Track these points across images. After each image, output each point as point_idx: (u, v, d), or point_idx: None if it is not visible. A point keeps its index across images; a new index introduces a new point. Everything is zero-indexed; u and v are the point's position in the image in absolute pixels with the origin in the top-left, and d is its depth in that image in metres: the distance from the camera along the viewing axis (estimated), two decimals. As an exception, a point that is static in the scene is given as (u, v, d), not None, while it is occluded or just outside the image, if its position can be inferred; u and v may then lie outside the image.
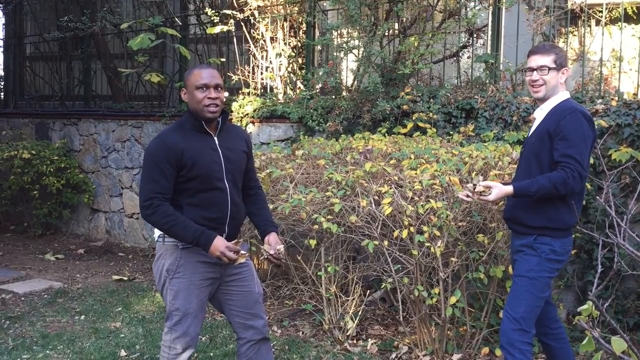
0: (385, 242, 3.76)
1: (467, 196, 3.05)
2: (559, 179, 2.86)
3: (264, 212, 3.13)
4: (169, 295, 2.87)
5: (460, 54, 5.86)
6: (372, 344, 4.19)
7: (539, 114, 3.12)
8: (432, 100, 5.11)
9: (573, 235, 3.17)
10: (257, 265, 5.34)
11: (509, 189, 2.96)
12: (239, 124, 6.06)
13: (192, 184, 2.80)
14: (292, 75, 6.55)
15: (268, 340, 3.09)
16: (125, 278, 5.94)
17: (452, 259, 3.65)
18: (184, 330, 2.86)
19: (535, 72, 3.06)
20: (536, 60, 3.06)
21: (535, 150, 3.04)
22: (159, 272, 2.89)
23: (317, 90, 6.02)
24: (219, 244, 2.72)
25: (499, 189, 2.96)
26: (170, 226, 2.73)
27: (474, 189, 3.00)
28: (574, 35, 6.55)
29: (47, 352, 4.11)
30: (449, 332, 3.93)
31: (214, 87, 2.82)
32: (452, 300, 3.66)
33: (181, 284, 2.84)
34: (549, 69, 3.02)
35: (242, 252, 2.78)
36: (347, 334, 4.26)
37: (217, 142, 2.89)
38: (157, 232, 2.90)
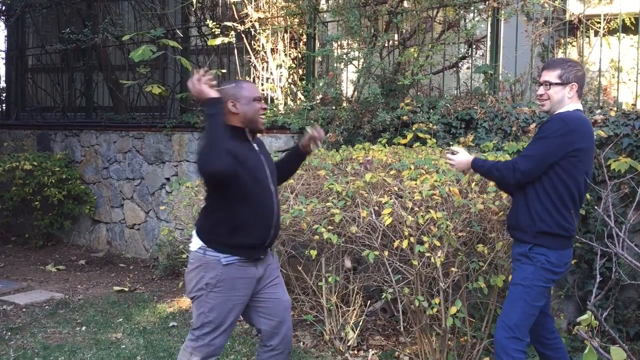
0: (386, 253, 3.77)
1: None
2: (500, 166, 3.13)
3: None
4: (204, 307, 2.90)
5: (460, 65, 5.89)
6: (373, 354, 4.19)
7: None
8: (431, 110, 5.13)
9: (573, 246, 3.18)
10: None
11: (470, 157, 3.27)
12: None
13: (241, 185, 2.87)
14: (292, 86, 6.58)
15: (290, 355, 3.15)
16: (126, 289, 5.94)
17: (453, 269, 3.66)
18: (210, 340, 2.91)
19: (541, 86, 3.15)
20: (543, 75, 3.16)
21: None
22: (196, 283, 2.91)
23: (318, 101, 6.04)
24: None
25: (464, 154, 3.29)
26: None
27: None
28: (573, 46, 6.58)
29: (48, 363, 4.11)
30: (449, 342, 3.92)
31: None
32: (453, 310, 3.66)
33: (219, 298, 2.89)
34: (551, 84, 3.09)
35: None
36: (348, 344, 4.26)
37: (256, 147, 3.06)
38: (195, 244, 2.94)
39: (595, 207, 3.76)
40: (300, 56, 6.59)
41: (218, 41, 6.36)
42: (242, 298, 2.95)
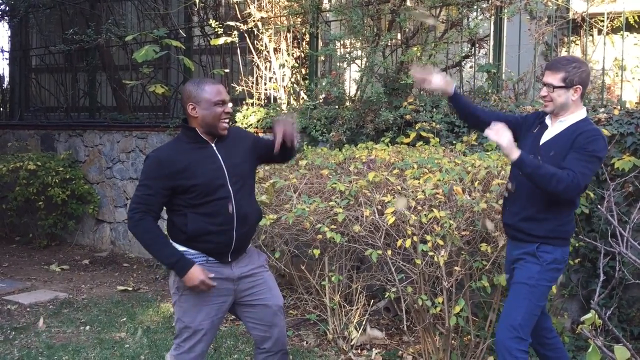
0: (389, 252, 3.77)
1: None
2: (562, 177, 2.80)
3: None
4: (179, 312, 2.87)
5: (463, 64, 5.88)
6: (376, 353, 4.19)
7: (558, 126, 3.05)
8: (435, 109, 5.12)
9: (577, 244, 3.19)
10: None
11: (516, 152, 2.84)
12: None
13: (193, 194, 2.79)
14: (295, 85, 6.58)
15: (286, 354, 3.08)
16: (130, 288, 5.96)
17: (456, 268, 3.66)
18: (191, 346, 2.86)
19: (545, 87, 3.02)
20: (546, 76, 3.02)
21: (556, 164, 2.93)
22: (172, 288, 2.91)
23: (321, 101, 6.04)
24: (196, 274, 2.71)
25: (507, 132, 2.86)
26: (148, 244, 2.75)
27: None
28: (576, 44, 6.57)
29: (52, 362, 4.12)
30: (453, 341, 3.92)
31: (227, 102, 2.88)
32: (456, 309, 3.66)
33: (190, 300, 2.83)
34: (554, 87, 2.97)
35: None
36: (352, 343, 4.26)
37: (215, 149, 2.89)
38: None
39: (599, 206, 3.75)
40: (303, 55, 6.59)
41: (221, 41, 6.37)
42: (216, 299, 2.85)
